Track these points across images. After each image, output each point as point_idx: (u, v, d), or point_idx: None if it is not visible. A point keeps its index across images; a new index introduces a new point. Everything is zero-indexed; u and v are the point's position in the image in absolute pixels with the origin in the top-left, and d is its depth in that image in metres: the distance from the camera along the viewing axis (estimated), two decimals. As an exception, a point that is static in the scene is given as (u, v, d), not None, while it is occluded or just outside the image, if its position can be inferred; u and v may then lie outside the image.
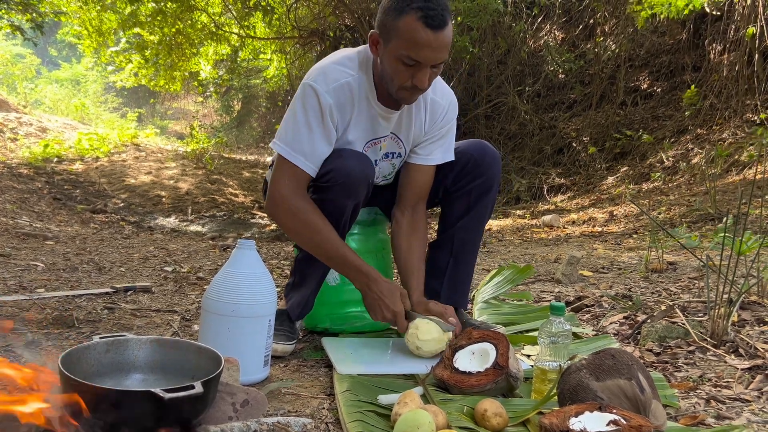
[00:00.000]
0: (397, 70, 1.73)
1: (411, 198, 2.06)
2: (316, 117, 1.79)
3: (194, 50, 10.95)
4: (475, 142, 2.09)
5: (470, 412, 1.43)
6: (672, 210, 5.78)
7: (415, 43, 1.67)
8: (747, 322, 2.10)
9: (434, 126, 2.00)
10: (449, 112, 2.02)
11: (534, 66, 9.84)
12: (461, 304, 2.16)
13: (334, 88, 1.80)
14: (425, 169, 2.03)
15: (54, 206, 6.60)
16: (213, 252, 4.51)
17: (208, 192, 8.74)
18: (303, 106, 1.79)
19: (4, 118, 9.99)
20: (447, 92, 2.03)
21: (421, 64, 1.70)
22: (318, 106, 1.78)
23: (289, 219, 1.82)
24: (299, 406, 1.54)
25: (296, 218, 1.81)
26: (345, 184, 1.80)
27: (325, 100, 1.78)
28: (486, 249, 5.02)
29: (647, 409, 1.29)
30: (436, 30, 1.66)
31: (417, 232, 2.05)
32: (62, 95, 16.01)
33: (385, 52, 1.74)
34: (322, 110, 1.78)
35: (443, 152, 2.03)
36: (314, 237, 1.83)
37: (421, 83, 1.74)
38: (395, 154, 2.03)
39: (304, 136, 1.79)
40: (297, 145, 1.79)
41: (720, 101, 7.46)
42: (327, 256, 1.86)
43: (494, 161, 2.04)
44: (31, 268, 3.19)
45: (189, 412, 1.16)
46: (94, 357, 1.30)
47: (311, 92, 1.79)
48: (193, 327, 2.27)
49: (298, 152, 1.79)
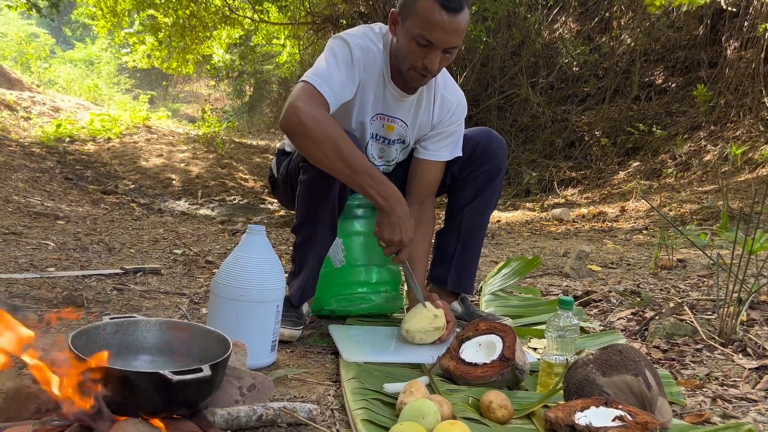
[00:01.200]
0: (410, 49, 1.76)
1: (419, 194, 2.08)
2: (345, 61, 1.80)
3: (207, 33, 10.94)
4: (481, 130, 2.13)
5: (475, 403, 1.43)
6: (683, 207, 5.74)
7: (430, 24, 1.70)
8: (756, 322, 2.09)
9: (442, 122, 2.03)
10: (458, 110, 2.05)
11: (548, 58, 9.76)
12: (468, 289, 2.19)
13: (363, 46, 1.84)
14: (434, 165, 2.06)
15: (65, 186, 6.63)
16: (222, 236, 4.52)
17: (219, 176, 8.76)
18: (333, 52, 1.81)
19: (18, 97, 10.03)
20: (458, 91, 2.07)
21: (433, 45, 1.73)
22: (348, 53, 1.81)
23: (311, 127, 1.65)
24: (305, 392, 1.54)
25: (319, 126, 1.66)
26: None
27: (355, 51, 1.81)
28: (495, 241, 5.01)
29: (653, 406, 1.29)
30: (452, 13, 1.69)
31: (422, 225, 2.07)
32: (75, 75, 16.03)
33: (402, 30, 1.78)
34: (353, 58, 1.81)
35: (452, 149, 2.06)
36: (339, 145, 1.67)
37: (432, 65, 1.76)
38: (399, 140, 2.05)
39: (333, 69, 1.77)
40: (321, 75, 1.75)
41: (735, 98, 7.39)
42: (351, 167, 1.69)
43: (500, 147, 2.09)
44: (42, 247, 3.21)
45: (196, 394, 1.17)
46: (103, 337, 1.31)
47: (342, 42, 1.82)
48: (201, 310, 2.28)
49: (321, 79, 1.74)
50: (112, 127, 9.81)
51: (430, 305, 1.89)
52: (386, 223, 1.76)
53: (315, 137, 1.66)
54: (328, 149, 1.66)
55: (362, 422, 1.28)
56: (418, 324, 1.86)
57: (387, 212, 1.75)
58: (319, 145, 1.66)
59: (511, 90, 9.49)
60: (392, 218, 1.75)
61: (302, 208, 1.93)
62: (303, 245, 1.98)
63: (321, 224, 1.93)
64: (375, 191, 1.71)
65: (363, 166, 1.70)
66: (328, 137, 1.66)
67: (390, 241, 1.77)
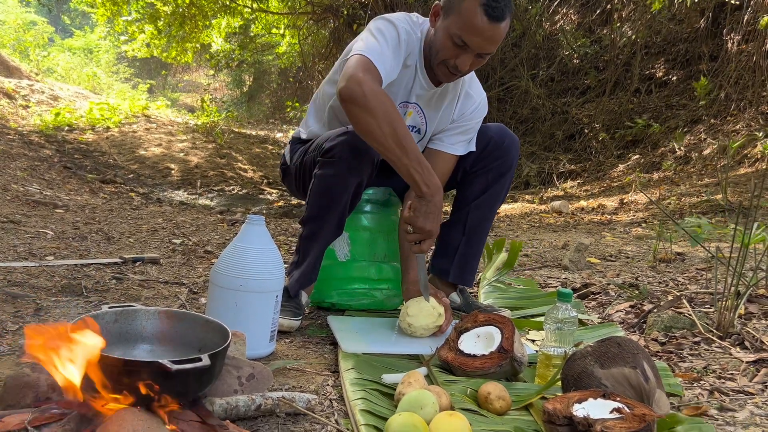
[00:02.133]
0: (445, 45, 1.77)
1: None
2: (393, 42, 1.80)
3: (207, 22, 10.89)
4: (495, 126, 2.15)
5: (473, 394, 1.43)
6: (682, 200, 5.74)
7: (470, 27, 1.71)
8: (754, 315, 2.10)
9: (462, 117, 2.05)
10: (479, 109, 2.07)
11: (549, 50, 9.73)
12: (469, 282, 2.20)
13: (407, 31, 1.84)
14: (448, 157, 2.07)
15: (64, 175, 6.62)
16: (221, 226, 4.52)
17: (218, 166, 8.74)
18: (381, 31, 1.79)
19: (17, 85, 9.99)
20: (481, 91, 2.10)
21: (469, 48, 1.74)
22: (396, 35, 1.81)
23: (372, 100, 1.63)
24: (304, 382, 1.55)
25: (380, 102, 1.64)
26: (350, 161, 1.82)
27: (402, 34, 1.81)
28: (494, 233, 5.01)
29: (651, 399, 1.30)
30: (494, 21, 1.70)
31: None
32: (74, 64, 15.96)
33: (441, 25, 1.79)
34: (399, 39, 1.81)
35: (466, 144, 2.08)
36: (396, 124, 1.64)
37: (463, 65, 1.78)
38: (415, 128, 2.05)
39: (384, 48, 1.76)
40: (374, 51, 1.73)
41: (735, 92, 7.38)
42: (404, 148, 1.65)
43: (513, 144, 2.11)
44: (41, 236, 3.21)
45: (195, 384, 1.17)
46: (102, 326, 1.30)
47: (389, 23, 1.82)
48: (200, 300, 2.28)
49: (375, 55, 1.72)
50: (111, 116, 9.78)
51: (434, 301, 1.89)
52: (423, 211, 1.69)
53: (375, 111, 1.62)
54: (384, 126, 1.63)
55: (361, 412, 1.29)
56: (423, 321, 1.86)
57: (427, 200, 1.68)
58: (378, 120, 1.63)
59: (511, 82, 9.46)
60: (430, 207, 1.69)
61: (314, 202, 1.93)
62: (309, 238, 1.98)
63: (330, 221, 1.93)
64: (420, 177, 1.66)
65: (414, 150, 1.66)
66: (387, 114, 1.63)
67: (422, 229, 1.71)
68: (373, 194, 2.19)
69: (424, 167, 1.66)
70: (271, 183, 8.39)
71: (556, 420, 1.18)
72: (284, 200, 7.19)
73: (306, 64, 12.73)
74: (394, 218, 2.28)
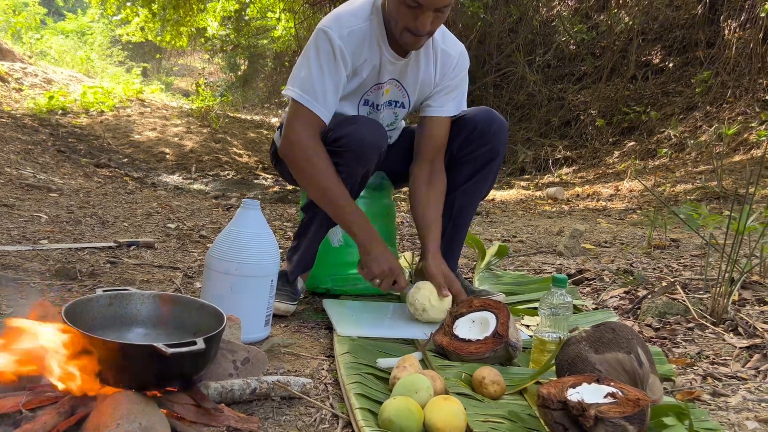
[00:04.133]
0: (400, 12, 1.74)
1: (428, 152, 2.05)
2: (328, 61, 1.80)
3: (201, 6, 10.79)
4: (483, 110, 2.08)
5: (468, 378, 1.44)
6: (677, 187, 5.75)
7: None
8: (747, 302, 2.10)
9: (445, 77, 2.01)
10: (460, 62, 2.02)
11: (545, 36, 9.68)
12: (452, 268, 2.18)
13: (348, 33, 1.81)
14: (440, 121, 2.03)
15: (58, 158, 6.58)
16: (216, 211, 4.51)
17: (213, 151, 8.70)
18: (316, 51, 1.80)
19: (10, 68, 9.91)
20: (456, 44, 2.04)
21: (422, 6, 1.71)
22: (331, 50, 1.79)
23: (302, 161, 1.80)
24: (299, 366, 1.55)
25: (310, 161, 1.79)
26: (357, 151, 1.81)
27: (338, 45, 1.79)
28: (489, 219, 5.01)
29: (645, 383, 1.30)
30: None
31: (435, 185, 2.04)
32: (68, 47, 15.82)
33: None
34: (335, 54, 1.79)
35: (456, 104, 2.04)
36: (324, 182, 1.80)
37: (423, 26, 1.75)
38: (398, 103, 2.03)
39: (317, 80, 1.79)
40: (309, 89, 1.79)
41: (732, 79, 7.37)
42: (334, 204, 1.83)
43: (501, 129, 2.04)
44: (35, 220, 3.20)
45: (190, 367, 1.17)
46: (96, 309, 1.31)
47: (324, 36, 1.80)
48: (195, 284, 2.28)
49: (310, 95, 1.79)
50: (105, 100, 9.71)
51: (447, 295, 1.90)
52: (368, 260, 1.85)
53: (310, 177, 1.80)
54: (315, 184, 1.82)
55: (356, 396, 1.29)
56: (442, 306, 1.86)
57: (366, 249, 1.84)
58: (308, 177, 1.81)
59: (507, 68, 9.42)
60: (372, 253, 1.84)
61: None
62: (311, 224, 1.99)
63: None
64: (357, 229, 1.83)
65: (346, 206, 1.82)
66: (320, 179, 1.79)
67: (372, 273, 1.84)
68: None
69: (358, 220, 1.83)
70: (266, 168, 8.36)
71: (551, 404, 1.18)
72: (279, 185, 7.17)
73: (301, 48, 12.62)
74: (386, 201, 2.28)
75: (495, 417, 1.26)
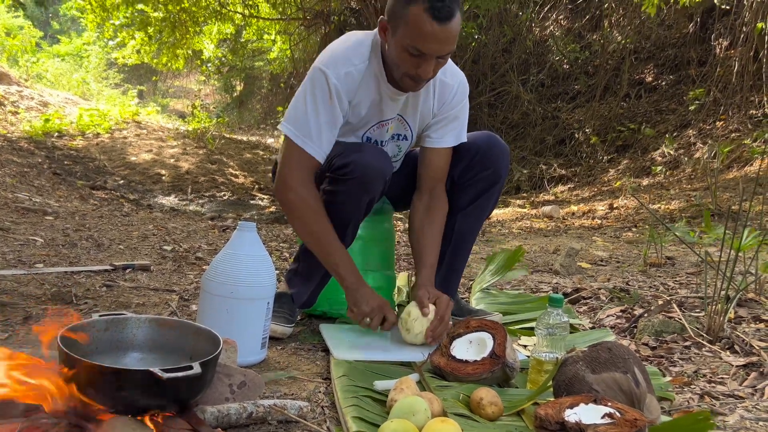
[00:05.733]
0: (402, 58, 1.73)
1: (428, 182, 2.05)
2: (324, 101, 1.79)
3: (198, 29, 10.86)
4: (484, 134, 2.09)
5: (466, 400, 1.43)
6: (672, 204, 5.78)
7: (421, 35, 1.66)
8: (743, 319, 2.11)
9: (444, 107, 2.00)
10: (458, 93, 2.01)
11: (539, 55, 9.78)
12: (453, 293, 2.16)
13: (344, 74, 1.81)
14: (440, 152, 2.03)
15: (54, 181, 6.59)
16: (212, 232, 4.51)
17: (209, 172, 8.72)
18: (312, 90, 1.80)
19: (6, 91, 9.94)
20: (456, 72, 2.02)
21: (426, 55, 1.70)
22: (327, 90, 1.79)
23: (294, 205, 1.83)
24: (296, 389, 1.54)
25: (301, 207, 1.83)
26: (362, 179, 1.81)
27: (334, 85, 1.79)
28: (485, 238, 5.02)
29: (642, 403, 1.30)
30: (443, 22, 1.65)
31: (431, 213, 2.04)
32: (64, 70, 15.88)
33: (393, 40, 1.74)
34: (331, 94, 1.79)
35: (456, 135, 2.03)
36: (313, 225, 1.84)
37: (426, 74, 1.74)
38: (401, 136, 2.04)
39: (312, 120, 1.79)
40: (304, 129, 1.80)
41: (724, 96, 7.44)
42: (322, 247, 1.86)
43: (502, 154, 2.05)
44: (30, 243, 3.19)
45: (187, 392, 1.17)
46: (92, 334, 1.31)
47: (321, 76, 1.80)
48: (191, 307, 2.27)
49: (305, 136, 1.80)
50: (101, 122, 9.73)
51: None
52: (354, 300, 1.86)
53: (300, 220, 1.84)
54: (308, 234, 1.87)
55: (353, 419, 1.29)
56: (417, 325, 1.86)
57: (353, 291, 1.85)
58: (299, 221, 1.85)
59: (502, 87, 9.50)
60: (357, 296, 1.85)
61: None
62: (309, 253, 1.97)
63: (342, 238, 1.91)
64: (344, 272, 1.86)
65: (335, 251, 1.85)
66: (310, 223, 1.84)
67: (362, 313, 1.84)
68: None
69: (345, 263, 1.86)
70: (262, 188, 8.37)
71: (548, 425, 1.18)
72: (275, 206, 7.18)
73: (297, 70, 12.73)
74: (387, 226, 2.28)
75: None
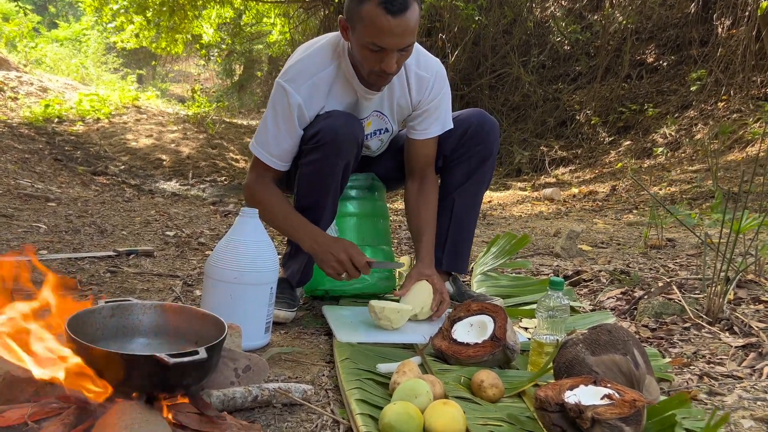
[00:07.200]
0: (364, 55, 1.75)
1: (418, 169, 2.12)
2: (284, 116, 1.87)
3: (197, 12, 10.80)
4: (474, 111, 2.13)
5: (467, 382, 1.45)
6: (673, 186, 5.78)
7: (377, 30, 1.66)
8: (743, 301, 2.12)
9: (422, 100, 2.01)
10: (436, 84, 2.01)
11: (540, 37, 9.72)
12: (462, 269, 2.22)
13: (309, 85, 1.85)
14: (426, 143, 2.07)
15: (55, 167, 6.59)
16: (214, 217, 4.52)
17: (209, 156, 8.72)
18: (273, 107, 1.89)
19: (5, 77, 9.90)
20: (431, 64, 2.01)
21: (386, 50, 1.70)
22: (287, 105, 1.85)
23: (257, 202, 1.92)
24: (300, 373, 1.56)
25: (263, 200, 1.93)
26: (333, 143, 1.84)
27: (294, 99, 1.85)
28: (486, 221, 5.03)
29: (641, 384, 1.32)
30: (397, 15, 1.64)
31: (425, 194, 2.10)
32: (63, 55, 15.80)
33: (353, 39, 1.76)
34: (291, 109, 1.85)
35: (441, 123, 2.06)
36: (276, 211, 1.94)
37: (389, 68, 1.74)
38: (382, 130, 2.08)
39: (272, 135, 1.90)
40: (265, 145, 1.92)
41: (726, 77, 7.40)
42: (284, 224, 1.96)
43: (493, 128, 2.10)
44: (34, 230, 3.21)
45: (193, 377, 1.19)
46: (99, 320, 1.32)
47: (281, 92, 1.86)
48: (195, 292, 2.29)
49: (265, 150, 1.92)
50: (101, 107, 9.71)
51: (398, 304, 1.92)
52: (321, 255, 1.89)
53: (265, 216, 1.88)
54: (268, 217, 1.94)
55: (356, 402, 1.31)
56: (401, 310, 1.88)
57: (313, 246, 1.90)
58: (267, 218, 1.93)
59: (502, 69, 9.45)
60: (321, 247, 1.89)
61: (304, 190, 1.95)
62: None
63: (323, 208, 1.96)
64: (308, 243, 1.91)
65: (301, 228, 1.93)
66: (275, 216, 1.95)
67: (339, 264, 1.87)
68: (357, 180, 2.23)
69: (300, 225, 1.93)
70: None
71: (548, 407, 1.20)
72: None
73: (297, 53, 12.65)
74: (379, 203, 2.30)
75: (494, 420, 1.28)
